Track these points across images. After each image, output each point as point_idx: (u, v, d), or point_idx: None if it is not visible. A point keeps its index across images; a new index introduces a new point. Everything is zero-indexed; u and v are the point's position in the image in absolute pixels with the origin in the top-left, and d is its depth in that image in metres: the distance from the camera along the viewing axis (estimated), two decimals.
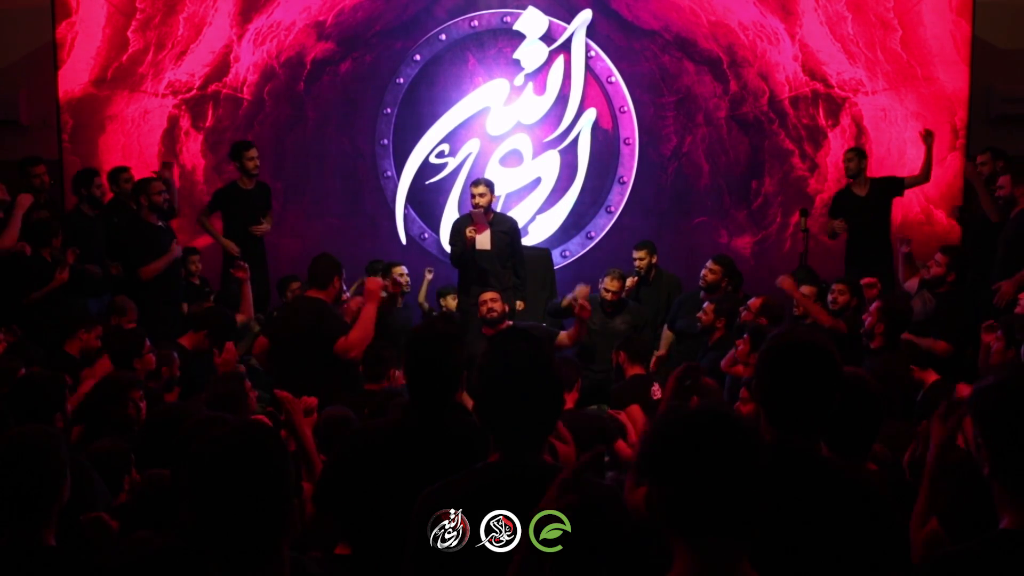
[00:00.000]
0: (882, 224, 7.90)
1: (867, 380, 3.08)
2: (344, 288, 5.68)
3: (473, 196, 7.54)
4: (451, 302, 7.99)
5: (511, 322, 6.85)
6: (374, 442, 2.78)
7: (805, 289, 6.88)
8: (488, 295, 6.81)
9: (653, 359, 7.45)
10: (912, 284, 6.84)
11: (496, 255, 7.51)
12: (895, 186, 8.00)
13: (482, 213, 7.49)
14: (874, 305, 5.50)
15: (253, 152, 7.91)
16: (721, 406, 1.71)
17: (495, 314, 6.67)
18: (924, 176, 7.93)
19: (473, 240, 7.43)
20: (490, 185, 7.62)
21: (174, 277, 7.38)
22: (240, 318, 6.45)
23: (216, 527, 1.72)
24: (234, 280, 6.77)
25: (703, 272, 7.16)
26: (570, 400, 5.02)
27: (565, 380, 4.13)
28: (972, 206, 8.11)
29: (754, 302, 6.27)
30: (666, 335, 7.46)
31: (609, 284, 7.16)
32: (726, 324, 6.35)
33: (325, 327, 5.25)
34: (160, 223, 7.28)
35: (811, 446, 2.27)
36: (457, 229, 7.60)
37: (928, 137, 7.85)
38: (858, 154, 8.00)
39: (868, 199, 7.91)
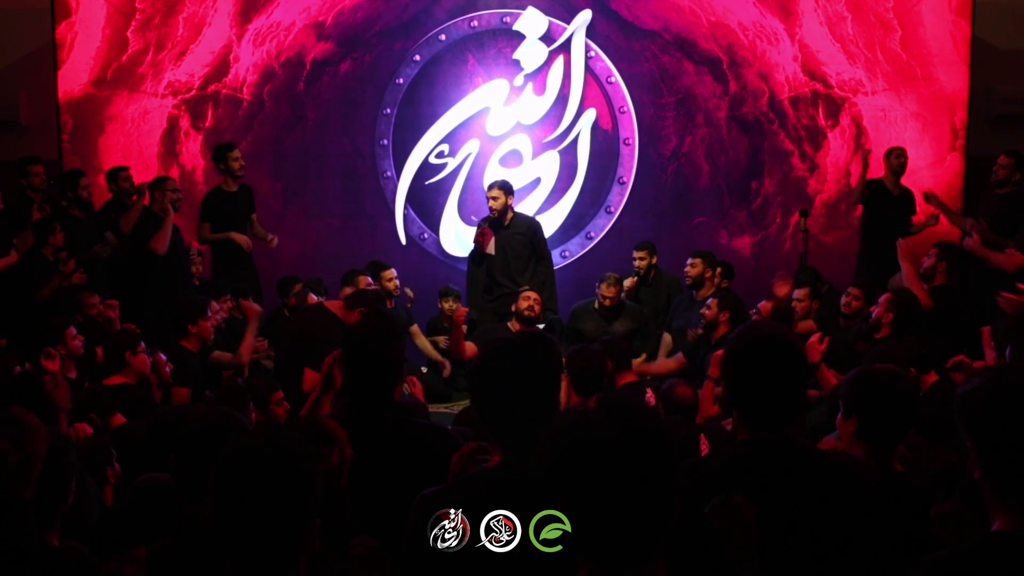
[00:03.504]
0: (904, 228, 7.94)
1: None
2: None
3: (488, 200, 7.59)
4: (449, 304, 7.95)
5: (542, 326, 6.85)
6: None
7: (797, 292, 6.90)
8: (533, 294, 6.89)
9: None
10: None
11: (511, 259, 7.58)
12: (913, 206, 8.14)
13: (485, 227, 7.62)
14: (884, 296, 5.46)
15: (237, 153, 7.92)
16: (631, 402, 1.51)
17: (533, 313, 6.74)
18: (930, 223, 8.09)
19: (483, 245, 7.60)
20: (504, 187, 7.63)
21: (183, 281, 7.29)
22: (227, 356, 6.17)
23: (236, 533, 1.72)
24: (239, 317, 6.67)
25: (685, 271, 7.36)
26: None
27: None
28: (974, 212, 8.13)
29: (765, 306, 6.20)
30: (665, 341, 7.41)
31: (606, 291, 7.26)
32: (730, 319, 6.27)
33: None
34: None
35: (788, 438, 2.25)
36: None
37: (930, 199, 8.01)
38: (904, 153, 8.11)
39: (899, 200, 8.05)
